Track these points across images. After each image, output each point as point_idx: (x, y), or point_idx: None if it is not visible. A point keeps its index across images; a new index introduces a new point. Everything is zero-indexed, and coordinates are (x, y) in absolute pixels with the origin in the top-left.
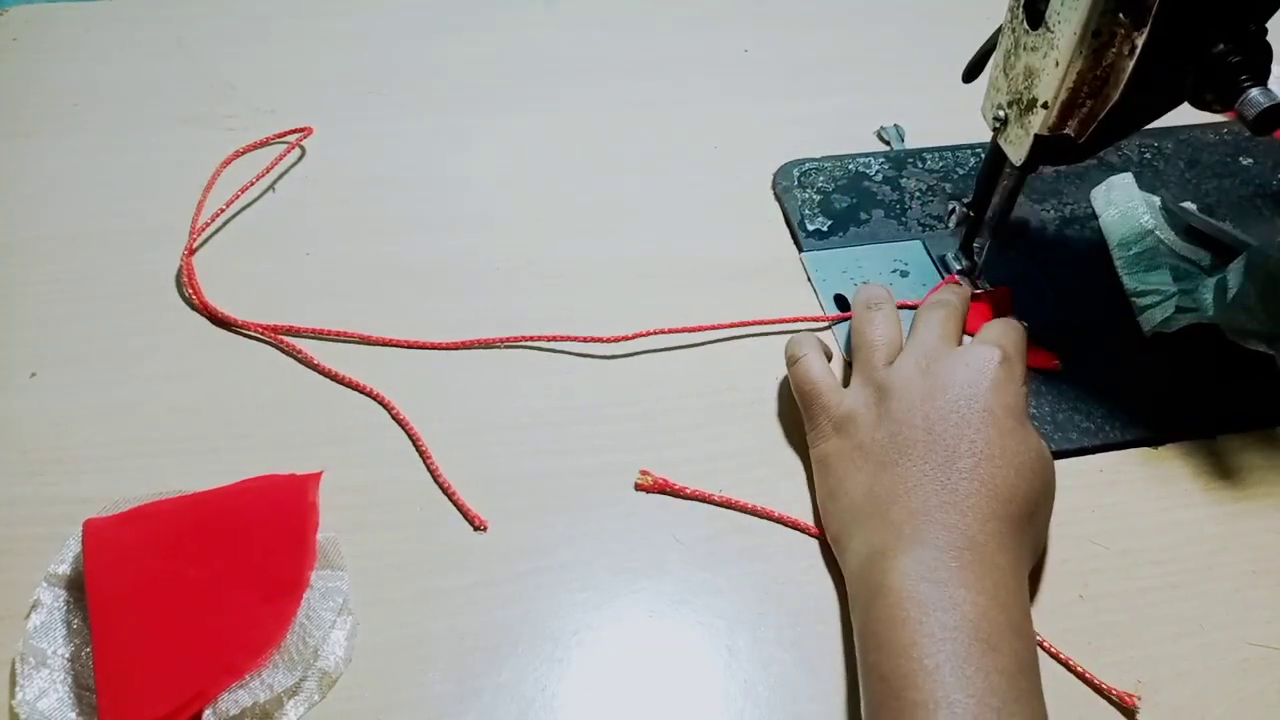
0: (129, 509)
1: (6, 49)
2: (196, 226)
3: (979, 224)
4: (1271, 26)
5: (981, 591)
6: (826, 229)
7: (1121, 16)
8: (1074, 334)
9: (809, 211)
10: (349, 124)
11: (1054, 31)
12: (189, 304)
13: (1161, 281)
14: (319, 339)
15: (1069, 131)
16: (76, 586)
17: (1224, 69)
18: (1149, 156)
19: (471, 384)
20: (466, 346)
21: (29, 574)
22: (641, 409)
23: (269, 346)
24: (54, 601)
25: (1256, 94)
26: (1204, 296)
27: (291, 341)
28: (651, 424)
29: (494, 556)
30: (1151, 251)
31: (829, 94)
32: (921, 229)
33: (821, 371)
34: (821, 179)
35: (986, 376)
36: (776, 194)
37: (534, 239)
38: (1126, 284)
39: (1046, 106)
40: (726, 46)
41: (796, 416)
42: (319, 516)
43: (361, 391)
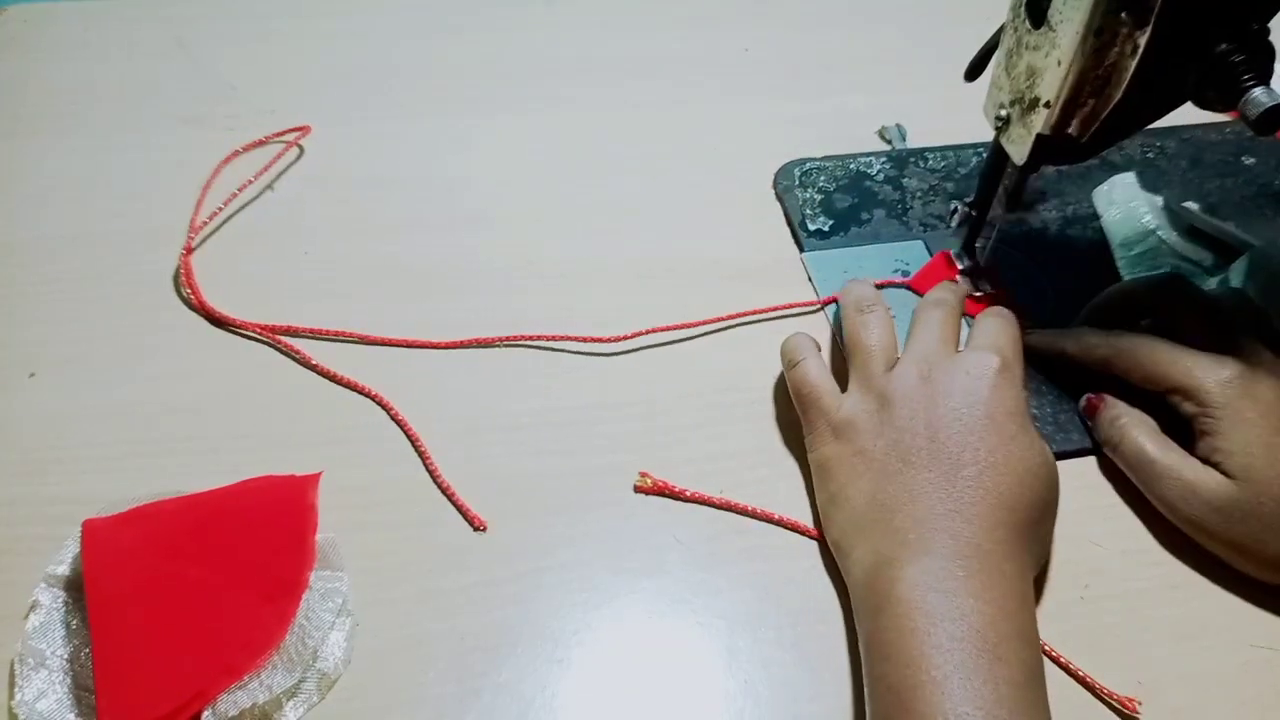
0: (128, 509)
1: (6, 49)
2: (194, 226)
3: (981, 223)
4: (1274, 26)
5: (989, 601)
6: (828, 229)
7: (1124, 15)
8: None
9: (810, 211)
10: (348, 124)
11: (1056, 30)
12: (187, 304)
13: None
14: (317, 339)
15: (1071, 131)
16: (75, 587)
17: (1226, 68)
18: (1151, 156)
19: (471, 384)
20: (466, 345)
21: (28, 574)
22: (641, 409)
23: (267, 347)
24: (53, 602)
25: (1259, 93)
26: None
27: (289, 341)
28: (651, 424)
29: (494, 556)
30: (1153, 251)
31: (830, 94)
32: (923, 229)
33: (820, 376)
34: (823, 179)
35: (987, 383)
36: (777, 194)
37: (534, 239)
38: None
39: (1049, 106)
40: (726, 46)
41: (796, 417)
42: (318, 517)
43: (360, 392)
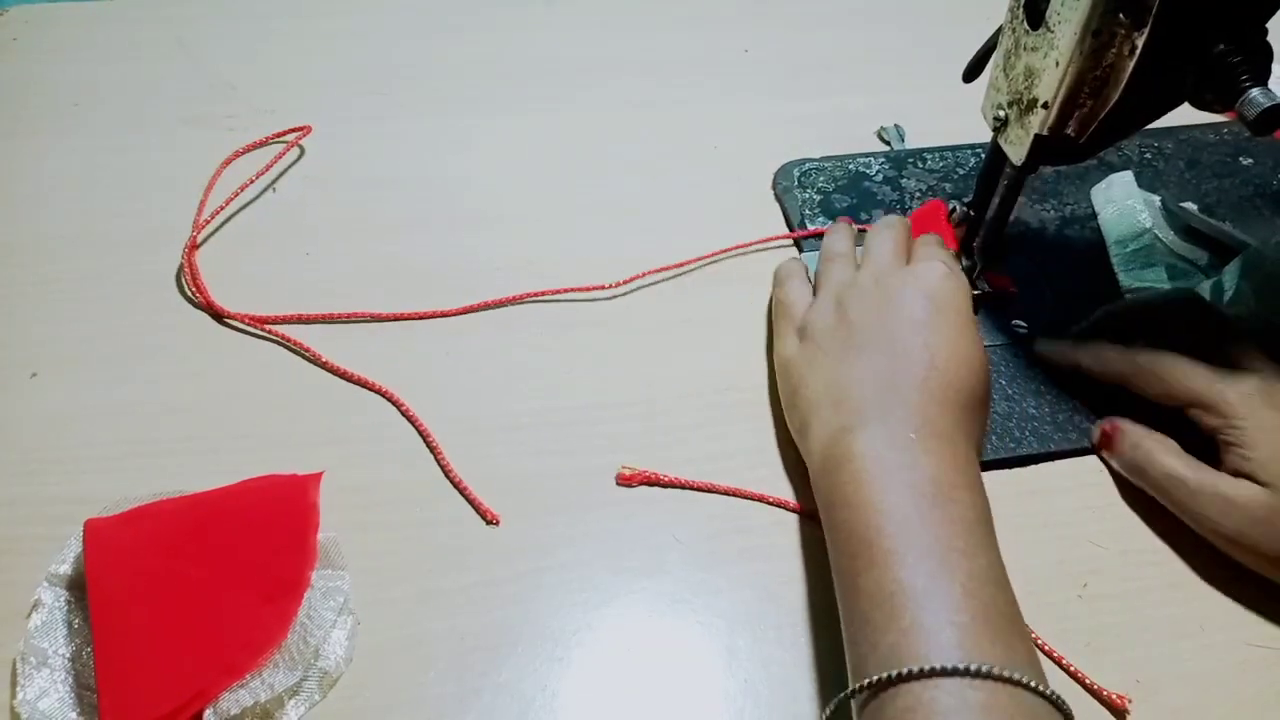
0: (130, 509)
1: (6, 49)
2: (198, 224)
3: (979, 223)
4: (1272, 27)
5: (941, 457)
6: None
7: (1122, 17)
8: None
9: (809, 211)
10: (349, 124)
11: (1054, 31)
12: (191, 301)
13: (1156, 279)
14: (307, 323)
15: (1069, 131)
16: (77, 586)
17: (1224, 69)
18: (1149, 156)
19: (471, 383)
20: (472, 310)
21: (30, 574)
22: (641, 409)
23: (267, 344)
24: (55, 601)
25: (1257, 94)
26: None
27: (291, 334)
28: (651, 424)
29: (494, 556)
30: (1148, 250)
31: (829, 94)
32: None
33: (798, 292)
34: (822, 179)
35: (935, 283)
36: (777, 194)
37: (534, 239)
38: (1122, 281)
39: (1047, 106)
40: (726, 46)
41: None
42: (319, 516)
43: (368, 387)
